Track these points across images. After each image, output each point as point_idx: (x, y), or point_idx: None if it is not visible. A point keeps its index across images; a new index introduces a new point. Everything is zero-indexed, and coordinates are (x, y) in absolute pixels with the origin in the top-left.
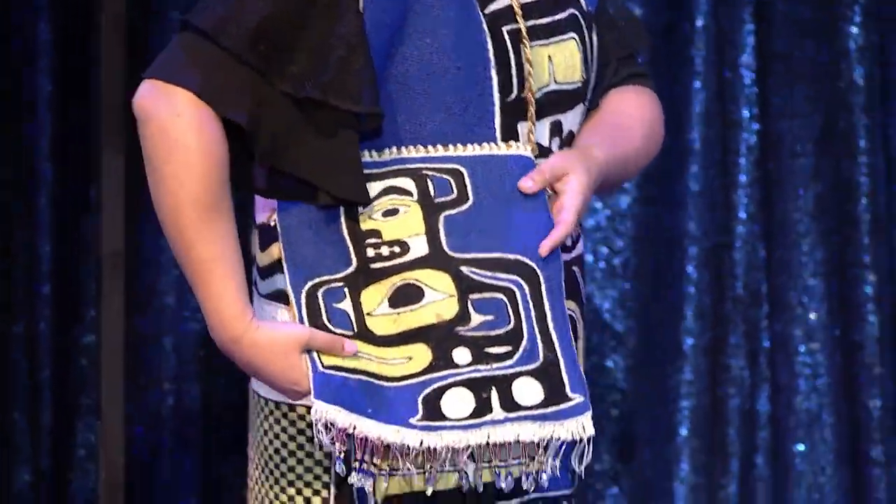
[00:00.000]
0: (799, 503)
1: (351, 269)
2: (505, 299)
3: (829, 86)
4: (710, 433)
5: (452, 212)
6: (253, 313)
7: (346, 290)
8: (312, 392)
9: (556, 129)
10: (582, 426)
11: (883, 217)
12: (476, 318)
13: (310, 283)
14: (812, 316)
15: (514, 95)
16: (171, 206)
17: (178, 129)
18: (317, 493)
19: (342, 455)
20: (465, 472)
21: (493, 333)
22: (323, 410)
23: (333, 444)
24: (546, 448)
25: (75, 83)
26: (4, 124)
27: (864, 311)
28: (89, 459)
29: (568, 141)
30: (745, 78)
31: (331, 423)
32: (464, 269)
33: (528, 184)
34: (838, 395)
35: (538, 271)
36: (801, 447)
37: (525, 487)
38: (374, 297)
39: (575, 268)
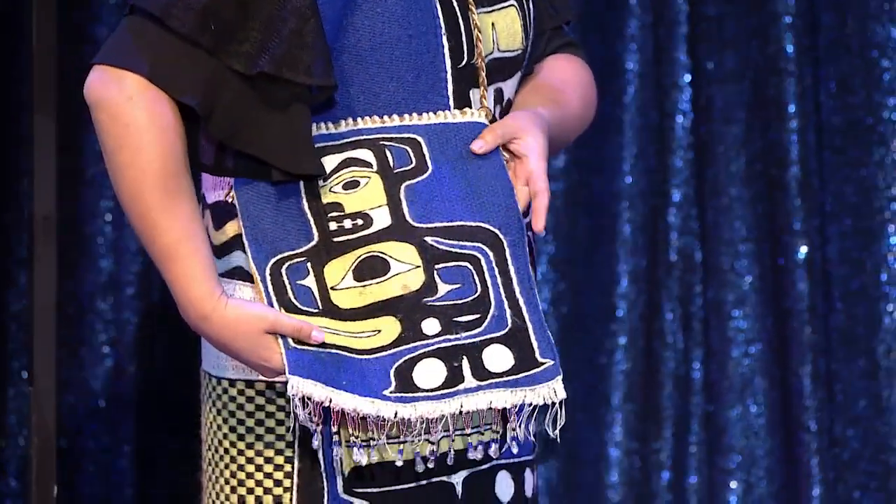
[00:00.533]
0: (731, 468)
1: (312, 244)
2: (471, 267)
3: (759, 51)
4: (643, 398)
5: (413, 181)
6: (222, 290)
7: (308, 265)
8: (287, 368)
9: (499, 96)
10: (553, 390)
11: (814, 184)
12: (443, 288)
13: (272, 260)
14: (745, 281)
15: (464, 62)
16: (130, 191)
17: (130, 114)
18: (279, 467)
19: (318, 428)
20: (432, 442)
21: (460, 302)
22: (299, 385)
23: (311, 419)
24: (519, 414)
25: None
26: None
27: (795, 278)
28: (21, 425)
29: (507, 108)
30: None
31: (307, 398)
32: (428, 238)
33: (478, 144)
34: (770, 361)
35: (501, 237)
36: (733, 412)
37: (491, 454)
38: (338, 270)
39: (530, 233)
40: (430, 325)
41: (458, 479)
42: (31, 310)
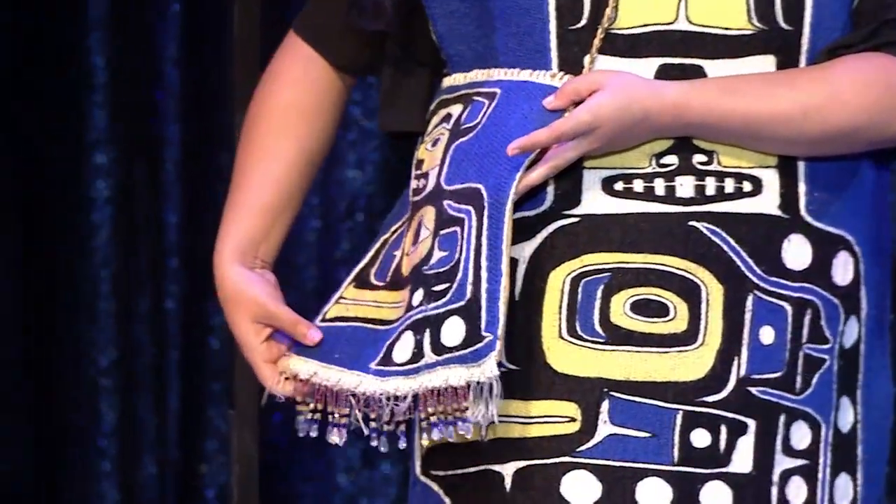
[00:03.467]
0: None
1: (409, 208)
2: (459, 232)
3: None
4: None
5: (464, 139)
6: (243, 257)
7: (405, 230)
8: (292, 346)
9: (672, 71)
10: (486, 368)
11: None
12: (436, 255)
13: (390, 230)
14: None
15: (581, 24)
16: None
17: (268, 69)
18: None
19: (304, 410)
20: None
21: (441, 271)
22: (290, 363)
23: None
24: (468, 392)
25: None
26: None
27: None
28: (221, 451)
29: None
30: None
31: (294, 376)
32: (444, 202)
33: (549, 99)
34: None
35: (485, 198)
36: None
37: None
38: (409, 234)
39: (702, 223)
40: (417, 296)
41: (507, 469)
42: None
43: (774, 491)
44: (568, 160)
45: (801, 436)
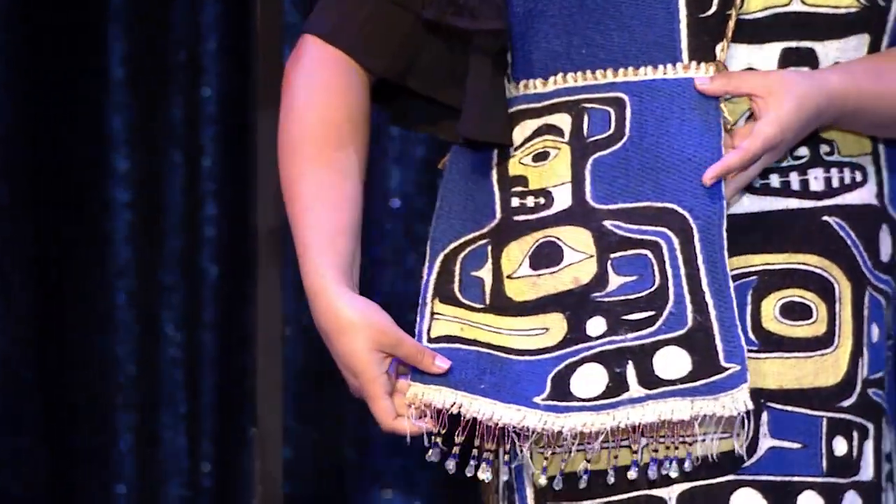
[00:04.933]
0: None
1: (495, 222)
2: (650, 256)
3: None
4: None
5: (604, 153)
6: (342, 275)
7: (489, 248)
8: (410, 374)
9: (792, 56)
10: (735, 400)
11: None
12: (615, 281)
13: (453, 245)
14: None
15: (712, 11)
16: (279, 155)
17: (292, 75)
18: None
19: (438, 441)
20: (636, 451)
21: (633, 297)
22: (419, 393)
23: (437, 435)
24: (700, 426)
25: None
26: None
27: None
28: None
29: None
30: None
31: (426, 406)
32: (607, 223)
33: (702, 80)
34: None
35: (690, 220)
36: None
37: (671, 474)
38: (517, 255)
39: (832, 218)
40: (596, 325)
41: (670, 493)
42: (254, 338)
43: (890, 499)
44: (752, 177)
45: (892, 438)
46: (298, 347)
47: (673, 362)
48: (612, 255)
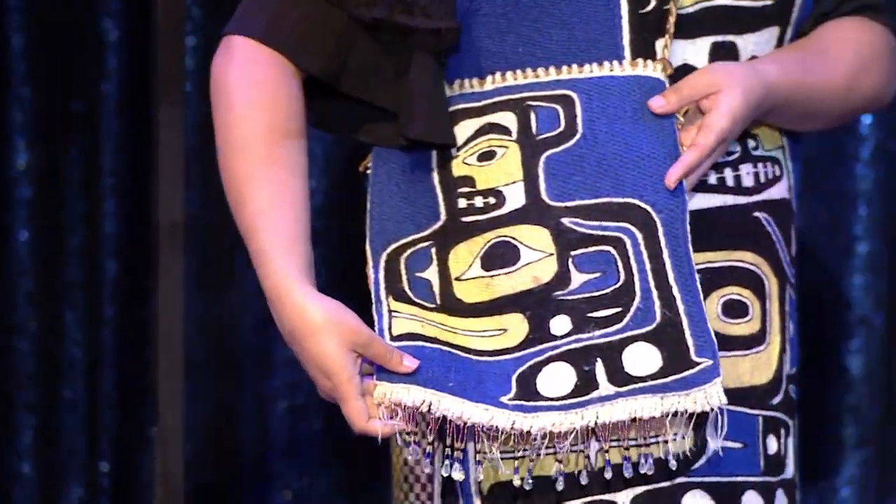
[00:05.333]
0: None
1: (439, 224)
2: (614, 252)
3: None
4: None
5: (556, 150)
6: (306, 277)
7: (433, 251)
8: (375, 373)
9: (719, 50)
10: (708, 395)
11: None
12: (578, 279)
13: (393, 246)
14: None
15: (651, 6)
16: (220, 157)
17: (227, 77)
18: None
19: (412, 441)
20: (588, 456)
21: (597, 294)
22: (388, 392)
23: (410, 433)
24: (671, 423)
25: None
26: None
27: None
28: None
29: None
30: None
31: (396, 405)
32: (565, 220)
33: (658, 103)
34: None
35: (653, 214)
36: None
37: (645, 471)
38: (465, 257)
39: (761, 214)
40: (560, 324)
41: (623, 497)
42: (155, 335)
43: (798, 495)
44: (707, 168)
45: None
46: (198, 344)
47: (643, 358)
48: (574, 253)
